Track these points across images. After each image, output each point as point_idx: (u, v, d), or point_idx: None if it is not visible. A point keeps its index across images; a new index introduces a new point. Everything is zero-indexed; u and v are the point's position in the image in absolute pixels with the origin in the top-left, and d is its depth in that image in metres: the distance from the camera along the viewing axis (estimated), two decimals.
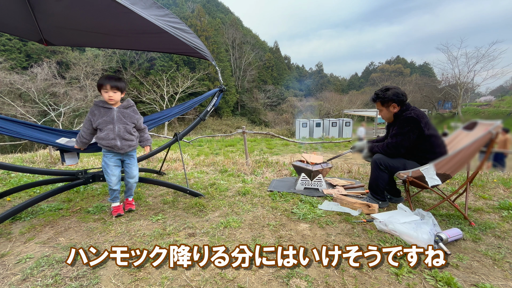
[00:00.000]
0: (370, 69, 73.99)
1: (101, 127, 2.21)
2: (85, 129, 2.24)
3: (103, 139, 2.20)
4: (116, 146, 2.23)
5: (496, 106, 30.75)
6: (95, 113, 2.21)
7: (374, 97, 2.48)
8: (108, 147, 2.23)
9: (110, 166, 2.27)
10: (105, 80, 2.18)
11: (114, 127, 2.22)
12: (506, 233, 2.01)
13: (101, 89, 2.20)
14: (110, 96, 2.20)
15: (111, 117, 2.21)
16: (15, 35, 3.31)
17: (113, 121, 2.21)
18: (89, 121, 2.23)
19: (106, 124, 2.20)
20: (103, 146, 2.23)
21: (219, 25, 43.79)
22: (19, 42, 23.29)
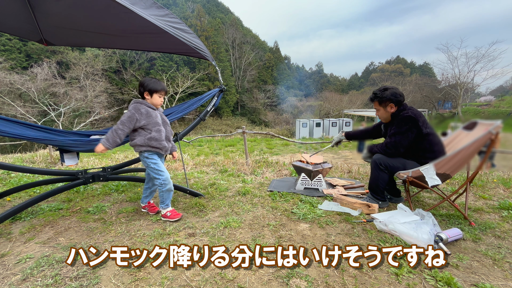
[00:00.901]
0: (370, 69, 74.02)
1: (149, 128, 2.14)
2: (125, 128, 2.07)
3: (156, 139, 2.14)
4: (165, 147, 2.23)
5: (496, 106, 30.75)
6: (142, 112, 2.12)
7: (372, 96, 2.49)
8: (158, 148, 2.18)
9: (161, 164, 2.21)
10: (159, 85, 2.20)
11: (162, 129, 2.21)
12: (506, 233, 2.01)
13: (154, 93, 2.17)
14: (162, 100, 2.24)
15: (158, 119, 2.18)
16: (15, 35, 3.31)
17: (160, 123, 2.20)
18: (134, 120, 2.08)
19: (155, 125, 2.15)
20: (152, 146, 2.15)
21: (219, 25, 43.78)
22: (19, 42, 23.28)
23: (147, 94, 2.17)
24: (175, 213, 2.27)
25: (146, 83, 2.17)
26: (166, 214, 2.23)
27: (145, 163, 2.18)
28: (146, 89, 2.16)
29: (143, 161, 2.20)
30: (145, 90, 2.16)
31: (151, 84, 2.18)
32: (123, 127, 2.05)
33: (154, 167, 2.16)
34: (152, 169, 2.16)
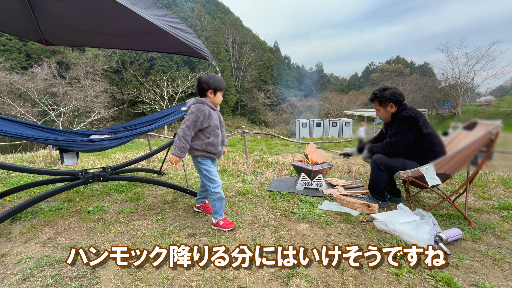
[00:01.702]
0: (370, 69, 74.02)
1: (209, 131, 1.96)
2: (192, 133, 1.89)
3: (213, 145, 1.97)
4: (220, 153, 2.06)
5: (496, 106, 30.75)
6: (205, 113, 1.91)
7: (372, 96, 2.49)
8: (213, 154, 2.00)
9: (214, 171, 2.03)
10: (223, 83, 2.03)
11: (219, 132, 2.03)
12: (506, 233, 2.01)
13: (218, 91, 2.00)
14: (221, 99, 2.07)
15: (217, 121, 2.01)
16: (15, 35, 3.31)
17: (219, 126, 2.02)
18: (199, 123, 1.89)
19: (214, 128, 1.97)
20: (208, 152, 1.98)
21: (219, 25, 43.78)
22: (19, 42, 23.28)
23: (212, 92, 1.96)
24: (228, 222, 2.07)
25: (211, 80, 1.95)
26: (218, 223, 2.04)
27: (197, 167, 2.03)
28: (211, 87, 1.95)
29: (195, 165, 2.05)
30: (210, 88, 1.95)
31: (216, 81, 1.98)
32: (190, 132, 1.88)
33: (206, 174, 1.99)
34: (204, 175, 2.01)
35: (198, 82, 1.98)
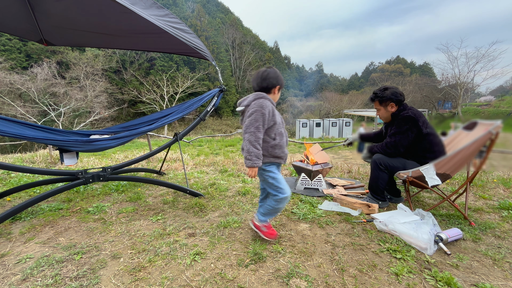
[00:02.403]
0: (370, 69, 74.03)
1: (274, 131, 1.68)
2: (262, 135, 1.62)
3: (280, 147, 1.70)
4: (287, 156, 1.79)
5: (496, 106, 30.75)
6: (270, 111, 1.64)
7: (373, 96, 2.49)
8: (280, 158, 1.74)
9: (280, 178, 1.75)
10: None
11: (284, 131, 1.77)
12: (506, 233, 2.01)
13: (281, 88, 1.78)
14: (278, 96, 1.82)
15: (281, 118, 1.76)
16: (15, 35, 3.32)
17: (282, 125, 1.76)
18: (266, 120, 1.62)
19: (280, 126, 1.71)
20: (274, 156, 1.71)
21: (219, 25, 43.79)
22: (19, 42, 23.28)
23: (278, 89, 1.74)
24: (271, 230, 1.85)
25: (280, 76, 1.72)
26: (260, 227, 1.83)
27: (262, 176, 1.75)
28: (279, 83, 1.72)
29: (259, 173, 1.75)
30: (279, 84, 1.72)
31: (281, 77, 1.75)
32: (261, 134, 1.60)
33: (273, 182, 1.72)
34: (271, 184, 1.73)
35: (265, 76, 1.69)
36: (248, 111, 1.62)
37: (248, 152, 1.59)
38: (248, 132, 1.59)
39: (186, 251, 1.75)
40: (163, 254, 1.71)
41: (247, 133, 1.59)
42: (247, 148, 1.60)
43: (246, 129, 1.60)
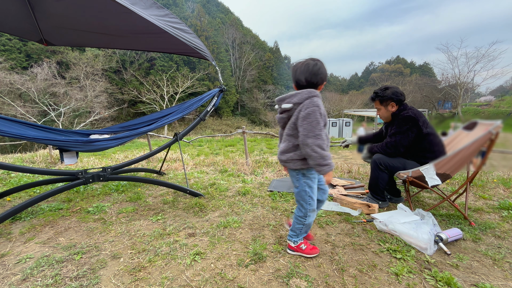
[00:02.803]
0: (370, 69, 74.03)
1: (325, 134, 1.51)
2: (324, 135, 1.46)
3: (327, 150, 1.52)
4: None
5: (496, 106, 30.74)
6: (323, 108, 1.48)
7: (373, 96, 2.49)
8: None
9: (316, 187, 1.62)
10: None
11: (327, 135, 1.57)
12: (506, 233, 2.01)
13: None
14: None
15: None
16: (15, 35, 3.32)
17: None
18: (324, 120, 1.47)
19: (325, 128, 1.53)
20: None
21: (219, 25, 43.79)
22: (19, 42, 23.28)
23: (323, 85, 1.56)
24: (311, 246, 1.72)
25: (325, 71, 1.54)
26: (300, 247, 1.68)
27: (298, 183, 1.59)
28: (325, 79, 1.54)
29: (297, 180, 1.59)
30: (324, 80, 1.53)
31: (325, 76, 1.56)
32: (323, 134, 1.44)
33: (308, 191, 1.58)
34: (305, 193, 1.58)
35: (316, 71, 1.49)
36: (302, 111, 1.42)
37: (323, 157, 1.41)
38: (313, 136, 1.40)
39: (186, 251, 1.75)
40: (163, 254, 1.71)
41: (312, 137, 1.40)
42: (320, 154, 1.40)
43: (308, 132, 1.40)
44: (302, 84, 1.52)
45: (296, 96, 1.48)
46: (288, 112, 1.51)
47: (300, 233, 1.68)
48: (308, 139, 1.41)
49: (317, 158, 1.41)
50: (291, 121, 1.51)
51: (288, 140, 1.54)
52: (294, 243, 1.69)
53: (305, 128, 1.42)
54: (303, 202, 1.60)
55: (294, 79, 1.54)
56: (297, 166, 1.54)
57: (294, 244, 1.69)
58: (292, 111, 1.49)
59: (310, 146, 1.41)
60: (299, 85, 1.54)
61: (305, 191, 1.59)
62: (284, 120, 1.57)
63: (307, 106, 1.42)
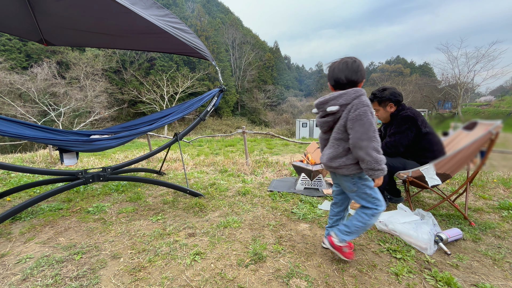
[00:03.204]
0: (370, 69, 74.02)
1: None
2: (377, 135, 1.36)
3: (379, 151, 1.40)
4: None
5: (496, 106, 30.75)
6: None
7: (371, 97, 2.49)
8: None
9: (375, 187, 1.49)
10: None
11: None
12: (506, 233, 2.01)
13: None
14: None
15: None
16: (15, 35, 3.32)
17: None
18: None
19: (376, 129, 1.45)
20: None
21: (219, 25, 43.80)
22: (19, 42, 23.28)
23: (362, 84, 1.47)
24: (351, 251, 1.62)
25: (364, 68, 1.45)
26: (340, 247, 1.56)
27: (356, 186, 1.48)
28: (364, 76, 1.45)
29: (353, 184, 1.48)
30: (364, 77, 1.45)
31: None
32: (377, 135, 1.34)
33: (371, 193, 1.47)
34: (368, 195, 1.47)
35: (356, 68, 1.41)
36: (352, 112, 1.32)
37: (377, 161, 1.31)
38: (367, 138, 1.30)
39: (186, 251, 1.75)
40: (163, 254, 1.71)
41: (366, 140, 1.30)
42: (375, 158, 1.30)
43: (361, 135, 1.30)
44: (342, 83, 1.42)
45: (342, 97, 1.37)
46: (334, 115, 1.40)
47: (355, 233, 1.53)
48: (361, 142, 1.31)
49: (371, 162, 1.31)
50: (339, 124, 1.39)
51: (337, 145, 1.43)
52: (341, 241, 1.54)
53: (357, 131, 1.32)
54: (368, 204, 1.48)
55: (333, 78, 1.45)
56: (352, 171, 1.43)
57: (339, 242, 1.54)
58: (339, 113, 1.38)
59: (364, 149, 1.30)
60: (338, 84, 1.44)
61: (366, 193, 1.48)
62: (328, 124, 1.46)
63: (357, 106, 1.32)
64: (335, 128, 1.43)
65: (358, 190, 1.49)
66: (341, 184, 1.57)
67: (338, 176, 1.54)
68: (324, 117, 1.47)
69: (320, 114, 1.49)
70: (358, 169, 1.42)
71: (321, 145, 1.60)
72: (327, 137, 1.52)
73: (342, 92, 1.39)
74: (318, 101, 1.49)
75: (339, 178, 1.55)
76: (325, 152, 1.53)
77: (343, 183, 1.54)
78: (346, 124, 1.37)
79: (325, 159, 1.52)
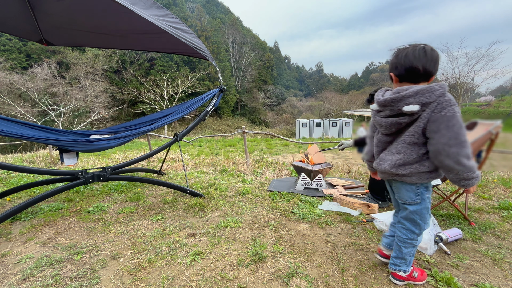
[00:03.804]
0: (370, 69, 74.00)
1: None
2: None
3: None
4: None
5: (496, 106, 30.74)
6: None
7: (369, 98, 2.49)
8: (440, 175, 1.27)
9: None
10: None
11: None
12: (506, 233, 2.01)
13: None
14: None
15: None
16: (15, 35, 3.32)
17: None
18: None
19: None
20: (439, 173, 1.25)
21: (219, 25, 43.81)
22: (19, 42, 23.28)
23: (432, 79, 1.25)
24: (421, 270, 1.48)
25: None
26: (412, 275, 1.41)
27: (419, 198, 1.30)
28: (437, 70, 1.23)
29: (417, 196, 1.30)
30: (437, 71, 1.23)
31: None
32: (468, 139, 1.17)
33: (429, 207, 1.33)
34: (427, 210, 1.32)
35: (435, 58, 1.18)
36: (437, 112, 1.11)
37: (471, 169, 1.12)
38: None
39: (186, 251, 1.75)
40: (163, 254, 1.71)
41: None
42: (468, 166, 1.12)
43: None
44: (417, 74, 1.18)
45: (424, 94, 1.12)
46: (411, 116, 1.17)
47: (410, 258, 1.39)
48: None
49: (464, 172, 1.11)
50: (416, 126, 1.17)
51: (410, 150, 1.22)
52: (405, 272, 1.39)
53: None
54: (420, 221, 1.33)
55: (404, 66, 1.19)
56: (422, 180, 1.25)
57: (405, 274, 1.39)
58: (419, 113, 1.15)
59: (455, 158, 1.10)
60: (411, 75, 1.20)
61: (427, 208, 1.32)
62: (400, 125, 1.22)
63: (443, 106, 1.10)
64: (409, 130, 1.20)
65: (422, 204, 1.31)
66: (400, 195, 1.35)
67: (398, 184, 1.34)
68: (392, 116, 1.23)
69: (387, 113, 1.24)
70: (429, 178, 1.25)
71: (378, 148, 1.37)
72: (390, 139, 1.30)
73: (423, 87, 1.14)
74: (387, 97, 1.23)
75: (398, 187, 1.34)
76: (386, 157, 1.31)
77: (403, 193, 1.32)
78: (426, 127, 1.15)
79: (387, 165, 1.30)
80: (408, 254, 1.37)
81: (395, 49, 1.25)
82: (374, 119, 1.34)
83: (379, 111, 1.29)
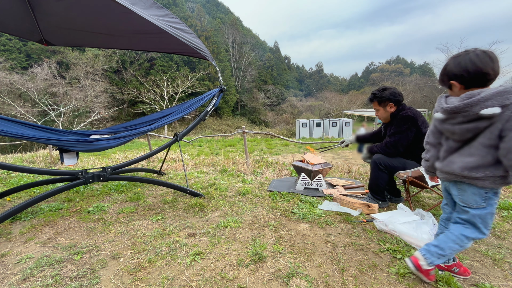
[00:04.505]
0: (370, 69, 74.03)
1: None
2: None
3: None
4: None
5: None
6: None
7: (372, 97, 2.49)
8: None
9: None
10: None
11: None
12: (506, 233, 2.01)
13: None
14: None
15: None
16: (15, 35, 3.32)
17: None
18: None
19: None
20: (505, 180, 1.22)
21: (219, 25, 43.84)
22: (19, 42, 23.30)
23: None
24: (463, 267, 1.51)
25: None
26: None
27: (487, 203, 1.28)
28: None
29: (484, 200, 1.28)
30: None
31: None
32: None
33: (494, 213, 1.31)
34: (492, 216, 1.30)
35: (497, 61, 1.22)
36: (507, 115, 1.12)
37: None
38: None
39: (186, 251, 1.75)
40: (163, 254, 1.71)
41: None
42: None
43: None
44: (488, 79, 1.21)
45: (502, 95, 1.13)
46: (491, 119, 1.15)
47: (448, 256, 1.38)
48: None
49: None
50: (495, 128, 1.16)
51: (486, 153, 1.20)
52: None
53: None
54: (481, 225, 1.30)
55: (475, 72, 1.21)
56: (496, 185, 1.23)
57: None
58: (498, 116, 1.13)
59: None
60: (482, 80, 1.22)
61: (493, 213, 1.29)
62: (477, 130, 1.20)
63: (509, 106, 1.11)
64: (485, 133, 1.19)
65: (488, 208, 1.28)
66: (465, 197, 1.31)
67: (465, 187, 1.30)
68: (469, 122, 1.21)
69: (460, 119, 1.23)
70: (503, 184, 1.22)
71: (446, 150, 1.36)
72: (460, 145, 1.30)
73: (499, 89, 1.15)
74: (459, 103, 1.22)
75: (464, 189, 1.31)
76: (456, 160, 1.30)
77: (468, 196, 1.29)
78: (503, 128, 1.13)
79: (457, 167, 1.28)
80: (450, 250, 1.34)
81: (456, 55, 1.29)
82: (442, 127, 1.34)
83: (447, 119, 1.29)
